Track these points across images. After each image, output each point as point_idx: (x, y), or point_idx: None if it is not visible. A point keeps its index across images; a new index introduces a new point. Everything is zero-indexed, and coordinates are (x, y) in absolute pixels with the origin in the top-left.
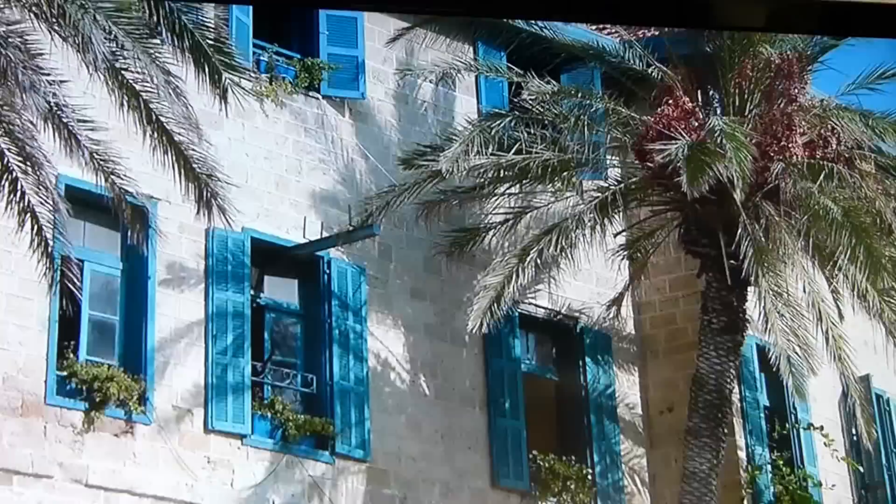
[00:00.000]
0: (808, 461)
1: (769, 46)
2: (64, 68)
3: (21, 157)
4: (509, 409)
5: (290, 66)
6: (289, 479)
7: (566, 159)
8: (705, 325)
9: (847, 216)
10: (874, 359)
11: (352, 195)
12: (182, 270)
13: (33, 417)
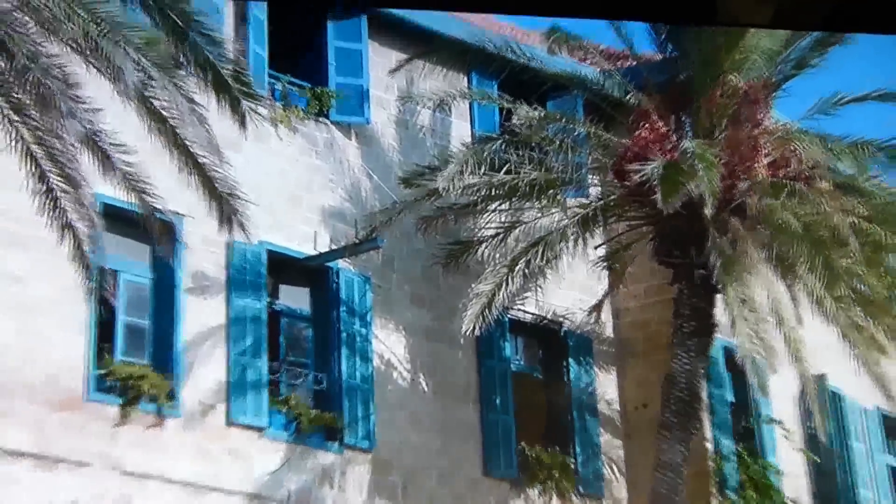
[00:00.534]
0: (769, 452)
1: (737, 75)
2: (99, 97)
3: (62, 177)
4: (500, 405)
5: (301, 94)
6: (302, 468)
7: (551, 178)
8: (677, 328)
9: (806, 230)
10: (829, 359)
11: (358, 211)
12: (205, 279)
13: (74, 412)
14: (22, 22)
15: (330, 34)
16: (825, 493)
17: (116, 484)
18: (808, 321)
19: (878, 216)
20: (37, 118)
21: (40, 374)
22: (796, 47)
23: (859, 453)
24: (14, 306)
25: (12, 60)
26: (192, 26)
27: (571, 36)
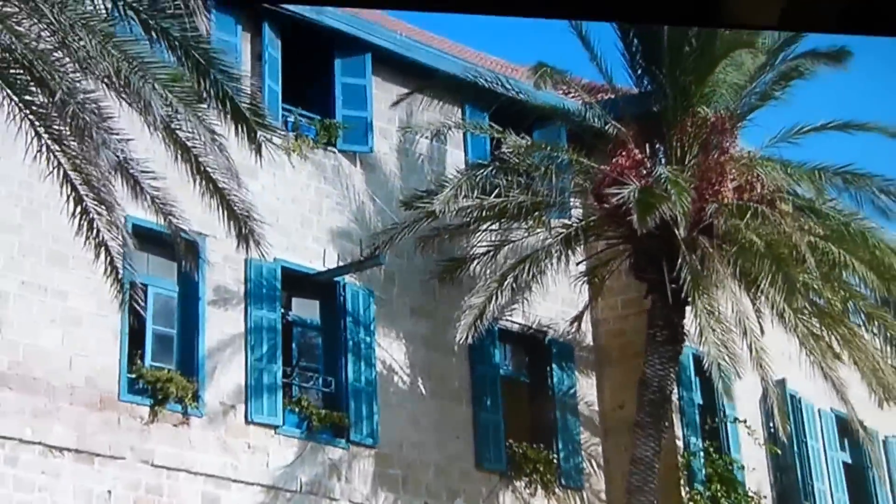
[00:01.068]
0: (733, 449)
1: (705, 107)
2: (130, 128)
3: (97, 201)
4: (490, 406)
5: (311, 125)
6: (313, 462)
7: (537, 201)
8: (650, 337)
9: (769, 248)
10: (789, 365)
11: (362, 231)
12: (226, 293)
13: (109, 411)
14: (61, 61)
15: (337, 71)
16: (784, 486)
17: (148, 475)
18: (769, 331)
19: (834, 236)
20: (74, 148)
21: (80, 378)
22: (760, 81)
23: (815, 451)
24: (57, 317)
25: (52, 96)
26: (213, 64)
27: (556, 71)
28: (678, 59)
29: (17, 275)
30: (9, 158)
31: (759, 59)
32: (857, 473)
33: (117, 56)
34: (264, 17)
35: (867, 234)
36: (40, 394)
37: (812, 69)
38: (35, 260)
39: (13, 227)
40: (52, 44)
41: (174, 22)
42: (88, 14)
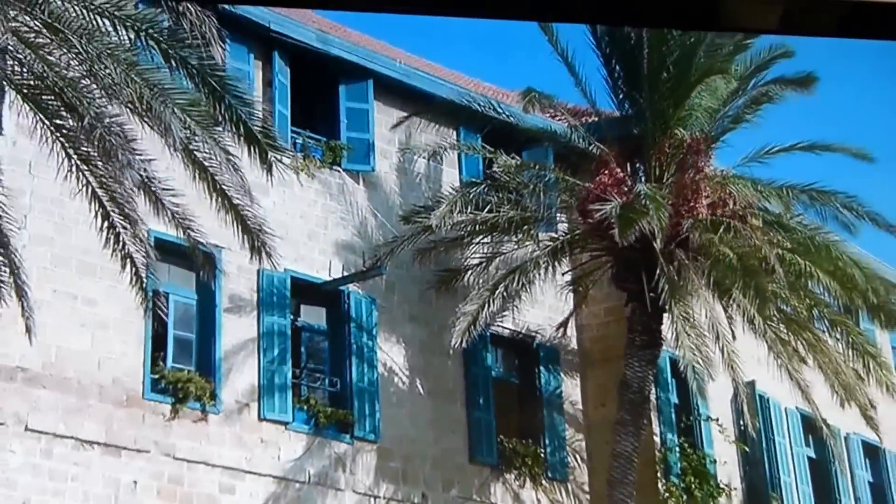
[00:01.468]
0: (706, 444)
1: (682, 129)
2: (151, 150)
3: (122, 216)
4: (482, 405)
5: (318, 146)
6: (320, 455)
7: (526, 216)
8: (630, 342)
9: (740, 260)
10: (758, 368)
11: (365, 244)
12: (240, 301)
13: (135, 408)
14: (88, 88)
15: (342, 96)
16: (753, 479)
17: (170, 467)
18: (740, 336)
19: (800, 248)
20: (101, 168)
21: (108, 378)
22: (733, 105)
23: (782, 446)
24: (87, 323)
25: (81, 120)
26: (228, 90)
27: (543, 96)
28: (657, 85)
29: (50, 284)
30: (42, 178)
31: (731, 84)
32: (820, 467)
33: (140, 83)
34: (274, 46)
35: (831, 246)
36: (72, 392)
37: (781, 94)
38: (66, 270)
39: (46, 241)
40: (80, 72)
41: (192, 51)
42: (114, 45)
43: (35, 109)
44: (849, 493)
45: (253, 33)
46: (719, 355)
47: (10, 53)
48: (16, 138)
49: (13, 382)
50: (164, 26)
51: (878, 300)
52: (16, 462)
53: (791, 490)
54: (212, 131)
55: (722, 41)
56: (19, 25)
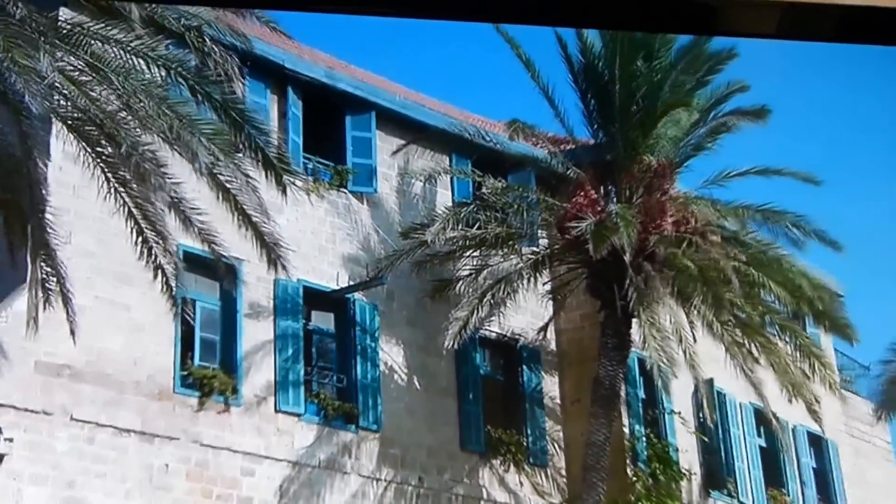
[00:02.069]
0: (669, 435)
1: (649, 155)
2: (180, 173)
3: (154, 232)
4: (472, 399)
5: (327, 170)
6: (329, 443)
7: (511, 233)
8: (603, 344)
9: (700, 272)
10: (716, 367)
11: (368, 257)
12: (258, 307)
13: (166, 401)
14: (125, 120)
15: (347, 126)
16: (711, 465)
17: (196, 453)
18: (700, 339)
19: (754, 262)
20: (136, 189)
21: (142, 374)
22: (695, 135)
23: (736, 436)
24: (124, 325)
25: (119, 148)
26: (247, 121)
27: (527, 126)
28: (627, 116)
29: (92, 291)
30: (84, 198)
31: (693, 116)
32: (770, 455)
33: (170, 115)
34: (288, 82)
35: (781, 260)
36: (111, 387)
37: (737, 124)
38: (105, 279)
39: (88, 254)
40: (118, 106)
41: (216, 87)
42: (147, 81)
43: (78, 138)
44: (795, 478)
45: (269, 71)
46: (682, 356)
47: (57, 89)
48: (62, 164)
49: (59, 378)
50: (191, 65)
51: (822, 307)
52: (62, 448)
53: (744, 475)
54: (233, 157)
55: (685, 77)
56: (65, 65)
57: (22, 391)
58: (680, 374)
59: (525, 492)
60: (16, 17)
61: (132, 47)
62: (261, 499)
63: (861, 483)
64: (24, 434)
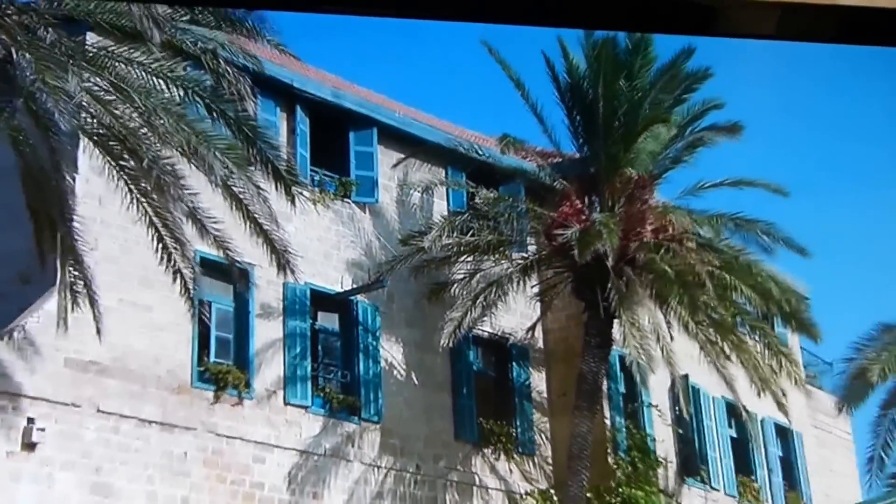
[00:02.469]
0: (648, 426)
1: (630, 168)
2: (197, 185)
3: (173, 239)
4: (466, 393)
5: (332, 182)
6: (334, 433)
7: (502, 240)
8: (587, 342)
9: (677, 276)
10: (691, 364)
11: (370, 262)
12: (269, 308)
13: (185, 394)
14: (146, 136)
15: (351, 141)
16: (685, 454)
17: (213, 442)
18: (677, 338)
19: (727, 266)
20: (156, 200)
21: (163, 370)
22: (673, 149)
23: (709, 428)
24: (146, 325)
25: (140, 161)
26: (259, 136)
27: (517, 141)
28: (609, 132)
29: (117, 294)
30: (110, 208)
31: (671, 131)
32: (740, 445)
33: (188, 131)
34: (296, 101)
35: (752, 265)
36: (134, 381)
37: (712, 139)
38: (129, 283)
39: (113, 259)
40: (140, 122)
41: (230, 105)
42: (166, 100)
43: (104, 153)
44: (763, 466)
45: (279, 90)
46: (659, 353)
47: (84, 108)
48: (88, 176)
49: (87, 374)
50: (207, 85)
51: (789, 309)
52: (90, 437)
53: (716, 463)
54: (246, 170)
55: (663, 96)
56: (91, 85)
57: (53, 385)
58: (657, 370)
59: (514, 478)
60: (46, 42)
61: (153, 69)
62: (271, 484)
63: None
64: (55, 425)
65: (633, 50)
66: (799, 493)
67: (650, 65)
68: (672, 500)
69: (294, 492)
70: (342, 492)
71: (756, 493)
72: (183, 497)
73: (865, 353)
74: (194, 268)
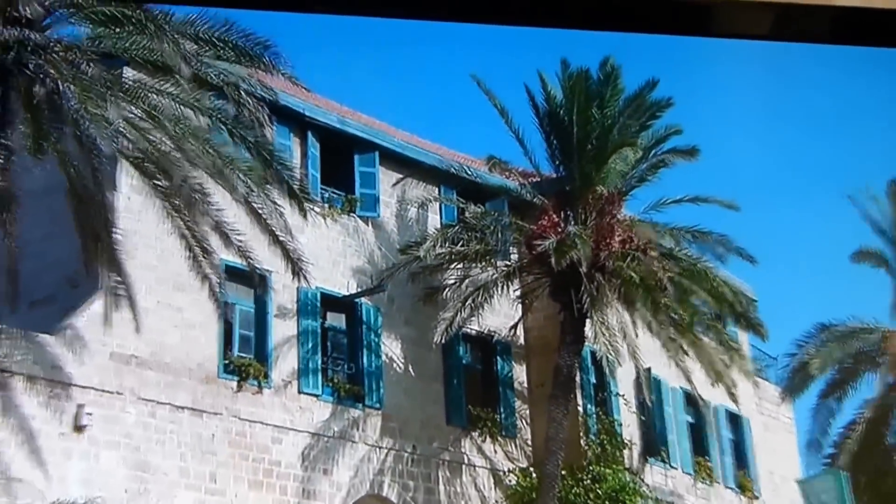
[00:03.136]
0: (615, 412)
1: (601, 186)
2: (222, 202)
3: (201, 249)
4: (456, 384)
5: (339, 199)
6: (341, 418)
7: (488, 249)
8: (562, 339)
9: (642, 281)
10: (654, 358)
11: (373, 269)
12: (285, 309)
13: (212, 384)
14: (177, 158)
15: (356, 162)
16: (648, 438)
17: (236, 425)
18: (641, 335)
19: (685, 273)
20: (187, 215)
21: (194, 362)
22: (638, 169)
23: (669, 414)
24: (179, 324)
25: (172, 181)
26: (275, 159)
27: (501, 162)
28: (583, 154)
29: (154, 297)
30: (146, 222)
31: (637, 154)
32: (696, 429)
33: (213, 154)
34: (308, 127)
35: (707, 272)
36: (169, 373)
37: (673, 161)
38: (165, 287)
39: (150, 266)
40: (171, 146)
41: (249, 132)
42: (194, 127)
43: (140, 173)
44: (716, 448)
45: (292, 118)
46: (625, 349)
47: (122, 133)
48: (129, 194)
49: (129, 366)
50: (229, 113)
51: (740, 310)
52: (131, 421)
53: (675, 445)
54: (264, 188)
55: (631, 122)
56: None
57: (99, 376)
58: (624, 364)
59: (498, 458)
60: (89, 75)
61: (182, 99)
62: (287, 462)
63: (769, 451)
64: (101, 410)
65: (603, 81)
66: (747, 472)
67: (619, 95)
68: (636, 477)
69: (307, 468)
70: (348, 469)
71: (710, 471)
72: (211, 473)
73: (806, 349)
74: (220, 274)
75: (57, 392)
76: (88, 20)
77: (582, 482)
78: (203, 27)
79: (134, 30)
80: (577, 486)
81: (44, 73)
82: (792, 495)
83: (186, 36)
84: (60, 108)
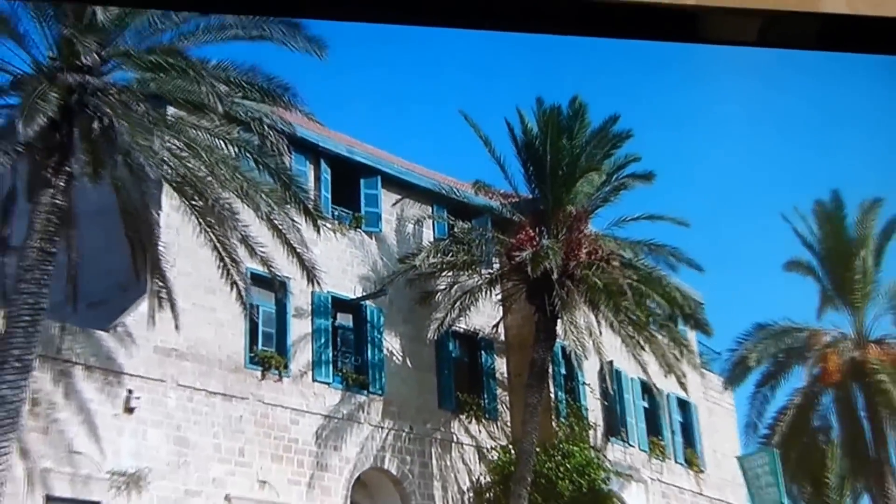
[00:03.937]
0: (582, 399)
1: (571, 206)
2: (248, 219)
3: (231, 259)
4: (447, 374)
5: (347, 217)
6: (349, 403)
7: (474, 260)
8: (537, 337)
9: (605, 287)
10: (615, 352)
11: (376, 276)
12: (301, 310)
13: (240, 373)
14: (211, 182)
15: (362, 185)
16: (610, 421)
17: (261, 408)
18: (605, 333)
19: (643, 280)
20: (218, 230)
21: (224, 355)
22: (603, 191)
23: (628, 401)
24: (212, 322)
25: (206, 201)
26: (293, 182)
27: (486, 185)
28: (555, 178)
29: (191, 299)
30: (184, 235)
31: (602, 178)
32: (651, 414)
33: (241, 179)
34: (321, 155)
35: (661, 279)
36: (204, 363)
37: (632, 184)
38: (199, 291)
39: (187, 274)
40: (206, 172)
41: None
42: (225, 156)
43: (179, 195)
44: (668, 429)
45: (308, 148)
46: (591, 345)
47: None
48: (169, 213)
49: (169, 357)
50: (255, 144)
51: (689, 311)
52: (172, 404)
53: (633, 427)
54: (283, 207)
55: (596, 151)
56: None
57: (145, 366)
58: (590, 358)
59: (482, 437)
60: (138, 113)
61: (215, 132)
62: (303, 440)
63: (713, 433)
64: (147, 394)
65: (573, 116)
66: (694, 450)
67: (586, 128)
68: (599, 453)
69: (320, 445)
70: (355, 445)
71: (662, 449)
72: (239, 448)
73: (745, 345)
74: (246, 280)
75: (110, 379)
76: (138, 67)
77: (553, 458)
78: (233, 72)
79: (176, 74)
80: (550, 461)
81: (100, 112)
82: (732, 469)
83: (219, 79)
84: (114, 140)
